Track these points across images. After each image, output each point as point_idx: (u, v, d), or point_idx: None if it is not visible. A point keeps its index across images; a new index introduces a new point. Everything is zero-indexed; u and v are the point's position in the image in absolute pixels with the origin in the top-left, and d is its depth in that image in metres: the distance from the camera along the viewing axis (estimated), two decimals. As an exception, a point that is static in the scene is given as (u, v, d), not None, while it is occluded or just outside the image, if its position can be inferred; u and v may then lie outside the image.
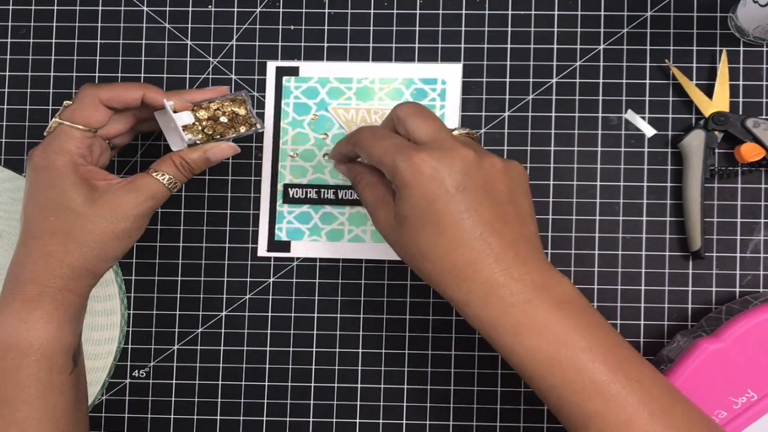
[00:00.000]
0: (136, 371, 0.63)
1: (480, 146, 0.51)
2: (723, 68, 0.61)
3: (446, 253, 0.47)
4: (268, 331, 0.63)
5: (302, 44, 0.63)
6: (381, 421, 0.62)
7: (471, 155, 0.48)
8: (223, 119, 0.56)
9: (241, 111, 0.57)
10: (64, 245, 0.52)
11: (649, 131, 0.62)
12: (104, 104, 0.54)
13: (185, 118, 0.54)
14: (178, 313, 0.63)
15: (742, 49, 0.62)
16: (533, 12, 0.63)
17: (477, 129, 0.62)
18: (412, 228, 0.48)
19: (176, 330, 0.63)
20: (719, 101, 0.61)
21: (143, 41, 0.64)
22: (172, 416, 0.63)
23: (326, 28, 0.64)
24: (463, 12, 0.63)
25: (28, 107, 0.64)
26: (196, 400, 0.63)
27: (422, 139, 0.49)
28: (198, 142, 0.55)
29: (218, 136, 0.56)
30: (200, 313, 0.63)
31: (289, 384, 0.63)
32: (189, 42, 0.64)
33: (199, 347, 0.63)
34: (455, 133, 0.51)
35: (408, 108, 0.51)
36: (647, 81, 0.62)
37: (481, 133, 0.62)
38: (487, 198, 0.48)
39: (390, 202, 0.51)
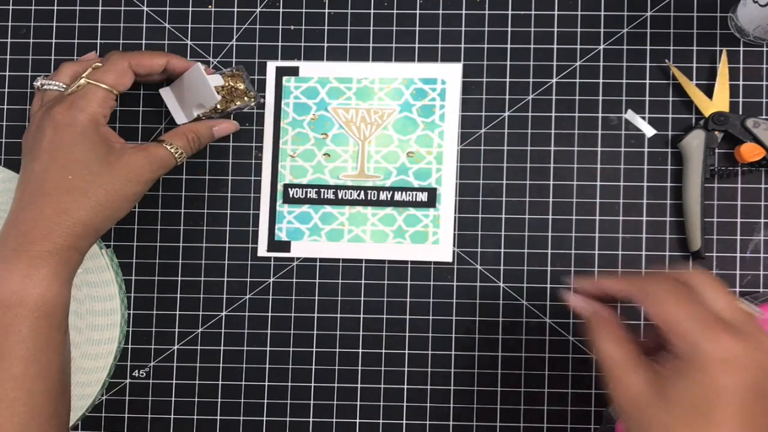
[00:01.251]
0: (136, 371, 0.63)
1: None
2: (723, 68, 0.61)
3: None
4: (268, 331, 0.63)
5: (302, 44, 0.63)
6: (381, 421, 0.62)
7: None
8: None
9: (240, 85, 0.60)
10: (80, 203, 0.53)
11: (649, 131, 0.62)
12: (132, 69, 0.57)
13: (218, 79, 0.59)
14: (178, 313, 0.63)
15: (742, 49, 0.62)
16: (533, 12, 0.63)
17: (477, 129, 0.62)
18: (675, 412, 0.41)
19: (176, 330, 0.63)
20: (719, 101, 0.61)
21: (143, 41, 0.64)
22: (172, 416, 0.63)
23: (326, 28, 0.64)
24: (463, 12, 0.63)
25: (28, 107, 0.64)
26: (196, 400, 0.63)
27: (721, 312, 0.43)
28: (202, 117, 0.60)
29: (222, 109, 0.60)
30: (200, 313, 0.63)
31: (289, 384, 0.63)
32: (189, 42, 0.64)
33: (199, 347, 0.63)
34: (744, 308, 0.45)
35: (705, 277, 0.45)
36: (647, 81, 0.62)
37: (481, 134, 0.62)
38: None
39: (647, 368, 0.44)
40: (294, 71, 0.63)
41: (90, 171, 0.53)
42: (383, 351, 0.63)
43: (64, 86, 0.56)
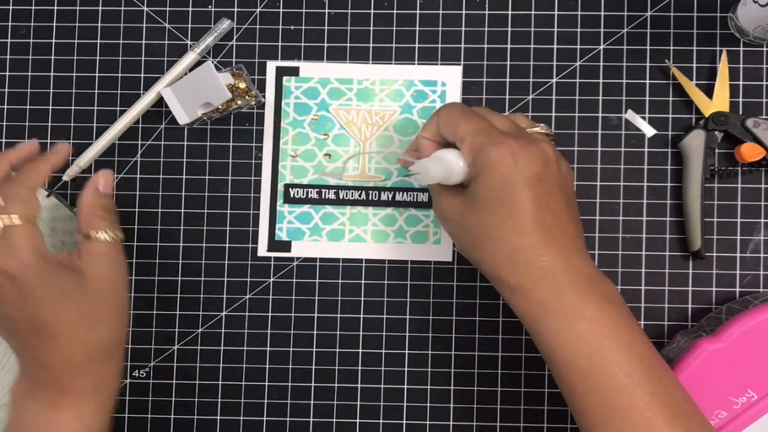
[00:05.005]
0: (136, 371, 0.63)
1: (554, 146, 0.53)
2: (723, 68, 0.61)
3: (511, 235, 0.49)
4: (268, 331, 0.63)
5: (302, 44, 0.63)
6: (381, 421, 0.62)
7: (551, 151, 0.51)
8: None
9: (241, 84, 0.60)
10: (87, 332, 0.52)
11: (649, 131, 0.62)
12: (32, 188, 0.53)
13: (228, 77, 0.60)
14: (178, 313, 0.63)
15: (742, 49, 0.62)
16: (533, 12, 0.63)
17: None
18: (482, 208, 0.50)
19: (176, 330, 0.63)
20: (719, 101, 0.61)
21: (143, 41, 0.64)
22: (172, 416, 0.63)
23: (326, 28, 0.63)
24: (463, 12, 0.63)
25: (28, 107, 0.64)
26: (196, 400, 0.63)
27: (505, 129, 0.52)
28: (205, 118, 0.60)
29: (224, 108, 0.60)
30: (200, 313, 0.63)
31: (289, 384, 0.63)
32: (189, 42, 0.64)
33: (199, 347, 0.63)
34: (535, 129, 0.54)
35: (481, 107, 0.55)
36: (647, 81, 0.62)
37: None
38: (558, 192, 0.51)
39: (458, 188, 0.53)
40: (294, 71, 0.63)
41: (77, 300, 0.52)
42: (383, 351, 0.63)
43: None
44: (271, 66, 0.63)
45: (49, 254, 0.52)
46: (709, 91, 0.61)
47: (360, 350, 0.63)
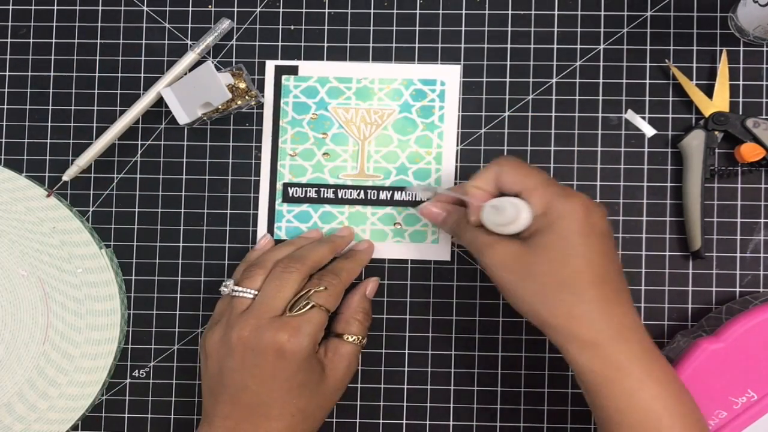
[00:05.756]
0: (136, 371, 0.63)
1: None
2: (723, 68, 0.61)
3: (589, 288, 0.48)
4: (268, 331, 0.63)
5: (302, 44, 0.63)
6: (381, 421, 0.62)
7: (604, 210, 0.51)
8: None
9: (241, 84, 0.60)
10: (304, 424, 0.55)
11: (649, 131, 0.62)
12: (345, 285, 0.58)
13: (228, 77, 0.60)
14: (178, 313, 0.63)
15: (742, 49, 0.62)
16: (533, 12, 0.63)
17: (477, 129, 0.62)
18: (554, 259, 0.49)
19: (176, 330, 0.63)
20: (719, 101, 0.61)
21: (143, 41, 0.64)
22: (172, 416, 0.63)
23: (326, 28, 0.64)
24: (463, 12, 0.63)
25: (28, 107, 0.64)
26: (196, 400, 0.63)
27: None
28: (205, 118, 0.60)
29: (224, 108, 0.60)
30: (200, 313, 0.63)
31: (289, 384, 0.63)
32: (189, 42, 0.64)
33: (198, 347, 0.63)
34: None
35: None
36: (647, 81, 0.62)
37: (481, 134, 0.62)
38: (614, 246, 0.51)
39: (513, 238, 0.51)
40: (293, 70, 0.63)
41: (311, 392, 0.54)
42: (383, 351, 0.63)
43: (256, 293, 0.56)
44: (270, 65, 0.63)
45: (316, 345, 0.56)
46: (709, 91, 0.61)
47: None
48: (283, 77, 0.63)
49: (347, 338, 0.58)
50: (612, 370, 0.48)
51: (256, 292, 0.56)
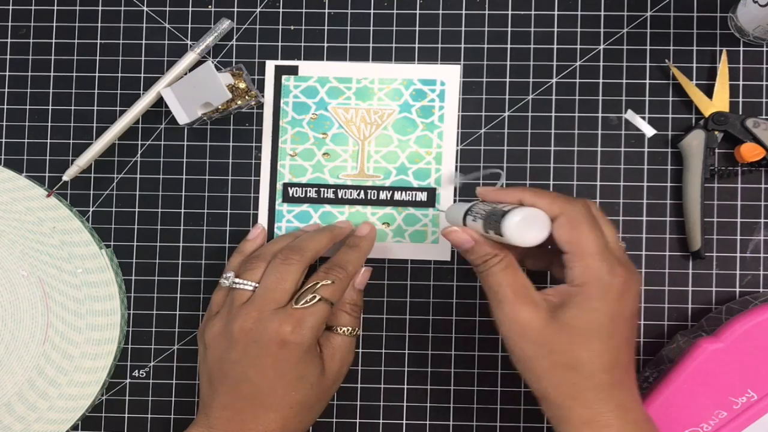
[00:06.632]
0: (136, 371, 0.63)
1: None
2: (723, 68, 0.61)
3: (600, 372, 0.47)
4: (268, 331, 0.63)
5: (302, 44, 0.63)
6: (381, 421, 0.62)
7: (640, 280, 0.50)
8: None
9: (241, 84, 0.60)
10: (301, 416, 0.55)
11: (649, 131, 0.62)
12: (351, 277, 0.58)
13: (228, 77, 0.60)
14: (178, 313, 0.63)
15: (742, 49, 0.62)
16: (533, 12, 0.63)
17: (477, 129, 0.62)
18: (575, 337, 0.47)
19: (176, 330, 0.63)
20: (719, 101, 0.61)
21: (143, 41, 0.64)
22: (172, 416, 0.63)
23: (326, 28, 0.64)
24: (463, 12, 0.63)
25: (28, 107, 0.64)
26: (195, 400, 0.63)
27: (612, 246, 0.49)
28: (205, 118, 0.60)
29: (224, 108, 0.60)
30: (200, 313, 0.63)
31: (289, 384, 0.63)
32: (189, 42, 0.64)
33: (198, 339, 0.63)
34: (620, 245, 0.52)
35: (597, 208, 0.51)
36: (647, 81, 0.62)
37: (481, 134, 0.62)
38: (635, 326, 0.50)
39: (538, 299, 0.49)
40: (293, 70, 0.63)
41: (311, 385, 0.55)
42: (383, 351, 0.63)
43: (256, 285, 0.56)
44: (270, 65, 0.63)
45: (317, 337, 0.55)
46: (709, 91, 0.61)
47: (360, 350, 0.62)
48: (283, 77, 0.63)
49: (338, 330, 0.58)
50: None
51: (257, 285, 0.56)
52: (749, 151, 0.59)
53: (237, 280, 0.56)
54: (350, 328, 0.58)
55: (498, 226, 0.48)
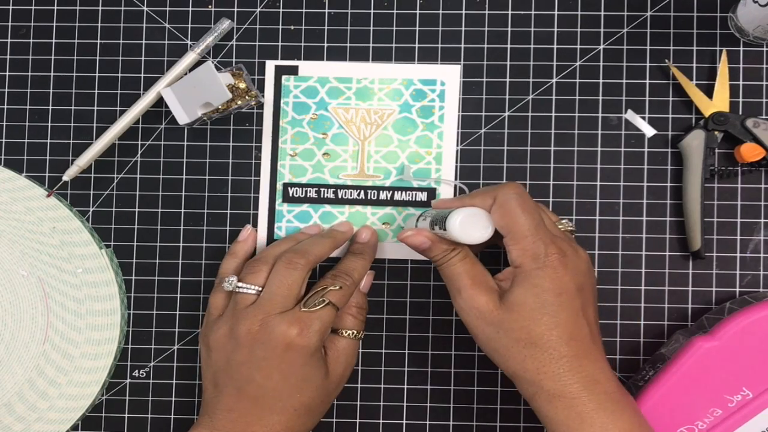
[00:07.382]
0: (136, 371, 0.63)
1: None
2: (723, 68, 0.61)
3: (559, 346, 0.50)
4: (268, 331, 0.63)
5: (302, 44, 0.63)
6: (381, 421, 0.62)
7: (588, 258, 0.53)
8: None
9: (241, 84, 0.60)
10: (304, 418, 0.55)
11: (649, 131, 0.62)
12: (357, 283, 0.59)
13: (228, 77, 0.60)
14: (178, 313, 0.63)
15: (742, 49, 0.62)
16: (533, 12, 0.63)
17: (477, 129, 0.62)
18: (527, 314, 0.50)
19: (176, 330, 0.63)
20: (719, 101, 0.61)
21: (143, 41, 0.64)
22: (172, 416, 0.63)
23: (326, 28, 0.64)
24: (463, 12, 0.63)
25: (28, 107, 0.64)
26: (195, 400, 0.63)
27: (552, 230, 0.53)
28: (205, 118, 0.60)
29: (224, 108, 0.60)
30: (200, 313, 0.63)
31: (289, 384, 0.63)
32: (189, 42, 0.64)
33: (199, 342, 0.63)
34: (564, 227, 0.55)
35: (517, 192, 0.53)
36: (647, 81, 0.62)
37: (481, 134, 0.62)
38: (593, 301, 0.53)
39: (493, 286, 0.53)
40: (293, 70, 0.63)
41: (315, 387, 0.55)
42: (383, 351, 0.63)
43: (259, 289, 0.56)
44: (270, 65, 0.63)
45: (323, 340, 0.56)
46: (709, 91, 0.61)
47: (360, 350, 0.62)
48: (283, 77, 0.63)
49: (343, 333, 0.58)
50: (576, 420, 0.49)
51: (260, 288, 0.56)
52: (749, 151, 0.59)
53: (240, 284, 0.56)
54: (355, 331, 0.58)
55: (444, 228, 0.52)
